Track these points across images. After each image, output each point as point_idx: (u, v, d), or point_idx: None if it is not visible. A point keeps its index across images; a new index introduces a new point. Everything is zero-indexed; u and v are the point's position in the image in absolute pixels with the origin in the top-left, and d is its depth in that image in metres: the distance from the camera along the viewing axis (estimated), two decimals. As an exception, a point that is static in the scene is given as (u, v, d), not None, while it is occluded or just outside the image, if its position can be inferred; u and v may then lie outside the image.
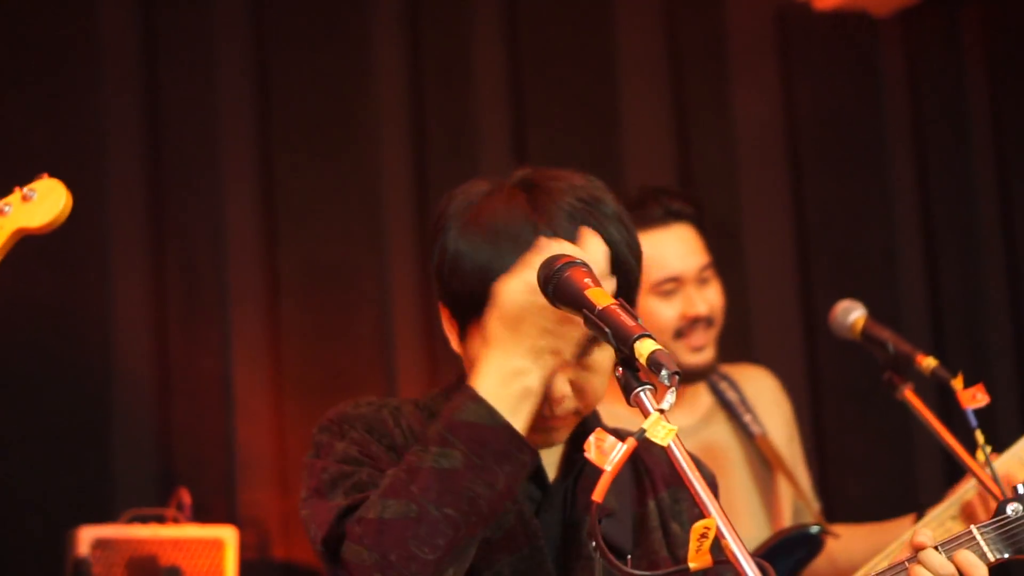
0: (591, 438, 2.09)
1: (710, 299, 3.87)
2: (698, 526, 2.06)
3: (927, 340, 5.40)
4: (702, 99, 5.56)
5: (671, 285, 3.83)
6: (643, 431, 2.08)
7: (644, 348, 2.14)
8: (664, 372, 2.11)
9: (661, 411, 2.10)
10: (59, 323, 4.77)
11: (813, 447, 4.99)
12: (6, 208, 2.49)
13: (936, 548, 2.46)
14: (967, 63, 5.80)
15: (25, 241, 3.47)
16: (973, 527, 2.53)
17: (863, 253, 5.61)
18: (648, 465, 2.60)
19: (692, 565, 2.07)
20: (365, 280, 5.00)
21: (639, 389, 2.15)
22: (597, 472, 2.36)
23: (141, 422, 4.77)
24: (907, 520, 3.70)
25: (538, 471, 2.48)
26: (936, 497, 4.19)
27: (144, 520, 4.40)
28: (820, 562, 3.86)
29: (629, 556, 2.47)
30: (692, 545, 2.06)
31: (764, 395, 4.03)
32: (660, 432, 2.08)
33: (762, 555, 3.62)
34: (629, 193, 3.83)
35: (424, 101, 5.17)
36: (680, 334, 3.83)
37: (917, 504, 4.08)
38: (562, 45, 5.40)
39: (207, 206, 4.94)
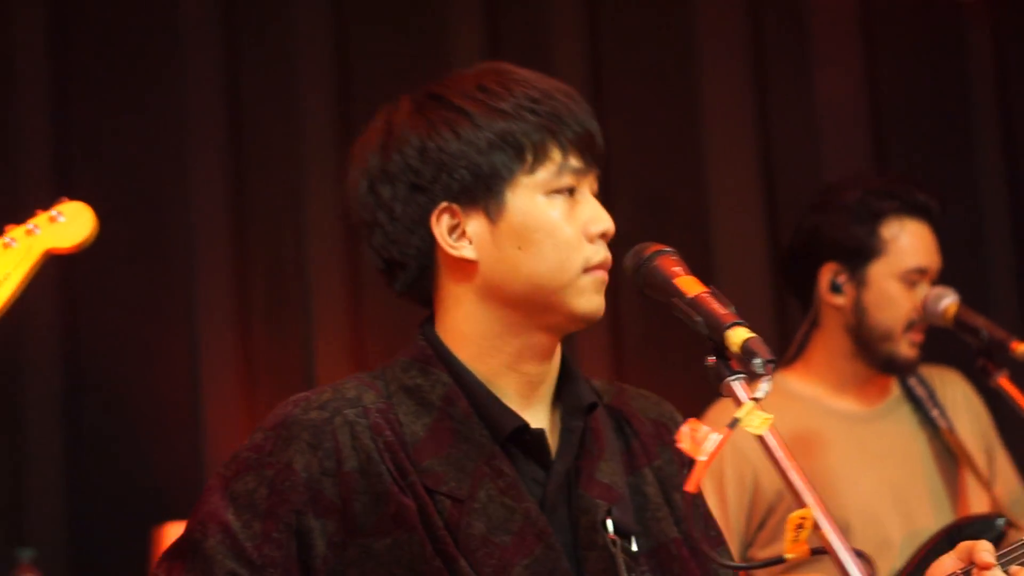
0: (684, 428, 2.07)
1: None
2: (794, 516, 2.05)
3: (1017, 324, 5.32)
4: (784, 83, 5.50)
5: (917, 276, 3.88)
6: (737, 420, 2.05)
7: (737, 336, 2.12)
8: (758, 360, 2.09)
9: (756, 400, 2.07)
10: (145, 318, 4.81)
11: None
12: (36, 230, 2.55)
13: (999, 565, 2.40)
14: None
15: (112, 237, 3.51)
16: None
17: (950, 238, 5.52)
18: (636, 428, 2.49)
19: (788, 556, 2.05)
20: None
21: (731, 378, 2.12)
22: (596, 445, 2.38)
23: (228, 418, 4.79)
24: None
25: (541, 448, 2.38)
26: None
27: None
28: None
29: (634, 536, 2.39)
30: (788, 535, 2.04)
31: (955, 396, 4.04)
32: (755, 421, 2.05)
33: (937, 540, 3.62)
34: (894, 176, 3.91)
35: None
36: (911, 326, 3.87)
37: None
38: (642, 28, 5.36)
39: (289, 199, 4.95)
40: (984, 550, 2.31)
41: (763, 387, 2.07)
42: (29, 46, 4.84)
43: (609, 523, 2.33)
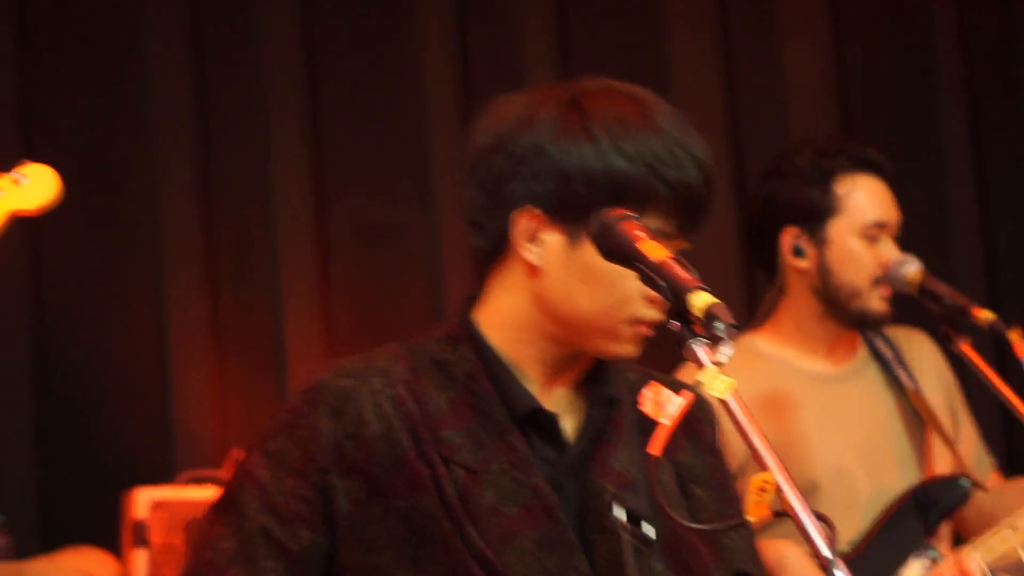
0: (646, 391, 2.09)
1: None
2: (756, 479, 2.06)
3: (982, 296, 5.36)
4: (752, 57, 5.52)
5: (876, 231, 3.89)
6: (699, 384, 2.07)
7: (700, 300, 2.13)
8: (720, 325, 2.10)
9: (718, 364, 2.09)
10: (112, 286, 4.81)
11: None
12: (0, 192, 2.58)
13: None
14: (1020, 19, 5.74)
15: (75, 206, 3.50)
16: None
17: (916, 210, 5.54)
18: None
19: (750, 518, 2.07)
20: (415, 240, 5.00)
21: (693, 342, 2.13)
22: (615, 435, 2.44)
23: (197, 384, 4.80)
24: None
25: (555, 432, 2.46)
26: (992, 448, 4.18)
27: (201, 481, 4.42)
28: (971, 514, 3.90)
29: (645, 522, 2.43)
30: (750, 498, 2.06)
31: (922, 356, 4.06)
32: (718, 385, 2.07)
33: (904, 501, 3.66)
34: (842, 136, 3.93)
35: (470, 61, 5.15)
36: (878, 280, 3.88)
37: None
38: (610, 3, 5.37)
39: (256, 168, 4.95)
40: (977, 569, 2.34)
41: (725, 351, 2.08)
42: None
43: (617, 508, 2.39)
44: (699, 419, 2.56)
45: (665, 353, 2.31)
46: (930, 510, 3.72)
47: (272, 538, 2.39)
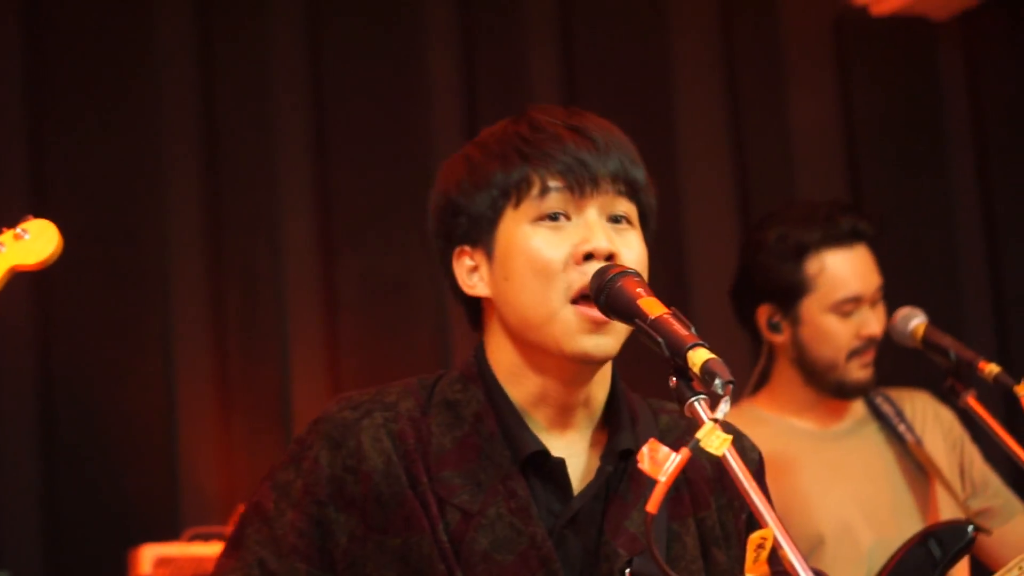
0: (644, 448, 2.07)
1: (882, 320, 3.92)
2: (755, 536, 2.05)
3: (990, 343, 5.34)
4: (759, 105, 5.53)
5: (851, 306, 3.88)
6: (697, 441, 2.06)
7: (697, 357, 2.12)
8: (718, 381, 2.09)
9: (716, 421, 2.08)
10: (121, 339, 4.81)
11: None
12: (2, 247, 2.62)
13: None
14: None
15: (84, 261, 3.52)
16: None
17: (923, 257, 5.55)
18: (689, 476, 2.48)
19: (749, 575, 2.05)
20: (422, 292, 5.00)
21: (693, 399, 2.12)
22: (633, 492, 2.37)
23: (203, 439, 4.79)
24: None
25: (562, 480, 2.40)
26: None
27: (206, 538, 4.41)
28: (984, 557, 3.91)
29: None
30: (749, 556, 2.05)
31: (924, 413, 4.06)
32: (715, 442, 2.06)
33: (909, 547, 3.64)
34: (816, 205, 3.91)
35: (478, 111, 5.16)
36: (854, 353, 3.88)
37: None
38: (617, 52, 5.38)
39: (264, 220, 4.96)
40: None
41: (723, 407, 2.08)
42: (2, 62, 4.84)
43: (628, 573, 2.35)
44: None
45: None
46: (935, 556, 3.71)
47: (268, 570, 2.38)
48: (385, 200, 5.04)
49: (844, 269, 3.88)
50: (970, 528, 3.69)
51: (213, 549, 4.32)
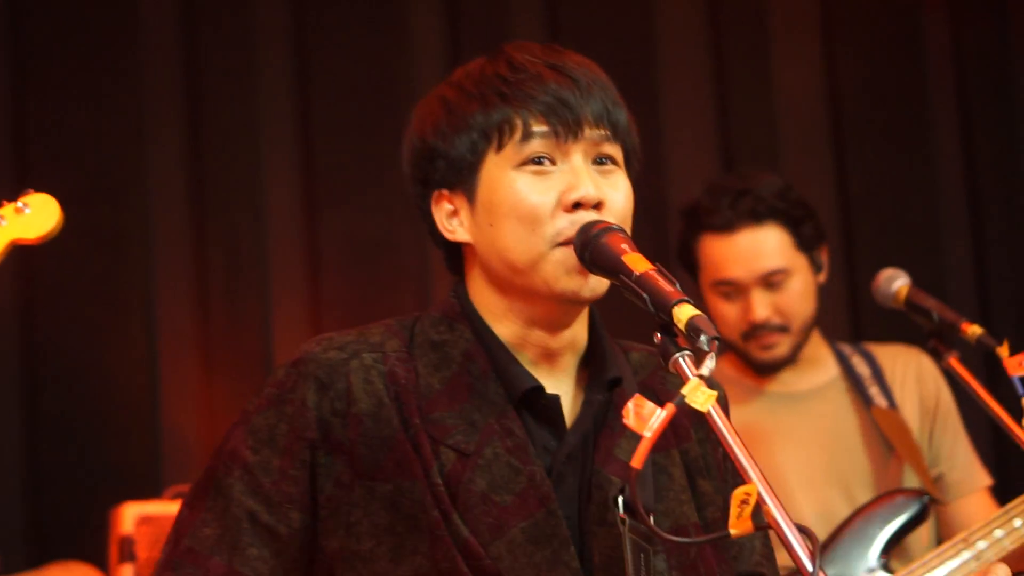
0: (629, 404, 2.07)
1: (778, 302, 3.88)
2: (739, 492, 2.05)
3: (973, 311, 5.35)
4: (743, 74, 5.53)
5: (728, 288, 3.88)
6: (682, 397, 2.06)
7: (683, 313, 2.12)
8: (703, 337, 2.09)
9: (701, 377, 2.07)
10: (104, 301, 4.81)
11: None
12: (2, 221, 2.62)
13: None
14: (1012, 32, 5.74)
15: (66, 222, 3.52)
16: None
17: (908, 225, 5.56)
18: None
19: (732, 532, 2.06)
20: (405, 253, 5.00)
21: (678, 355, 2.12)
22: (620, 421, 2.26)
23: (186, 399, 4.79)
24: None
25: (555, 416, 2.38)
26: (983, 462, 4.17)
27: (187, 497, 4.41)
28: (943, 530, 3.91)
29: (652, 515, 2.37)
30: (733, 511, 2.05)
31: (905, 374, 4.03)
32: (700, 398, 2.06)
33: (860, 517, 3.63)
34: (701, 194, 3.91)
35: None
36: (747, 336, 3.87)
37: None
38: (601, 20, 5.37)
39: (247, 182, 4.95)
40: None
41: (708, 363, 2.08)
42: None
43: (620, 501, 2.32)
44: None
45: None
46: (886, 527, 3.70)
47: (259, 522, 2.31)
48: (368, 161, 5.03)
49: (717, 253, 3.90)
50: (924, 498, 3.69)
51: (195, 508, 4.32)
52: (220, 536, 2.32)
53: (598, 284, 2.34)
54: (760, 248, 3.89)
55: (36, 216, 2.66)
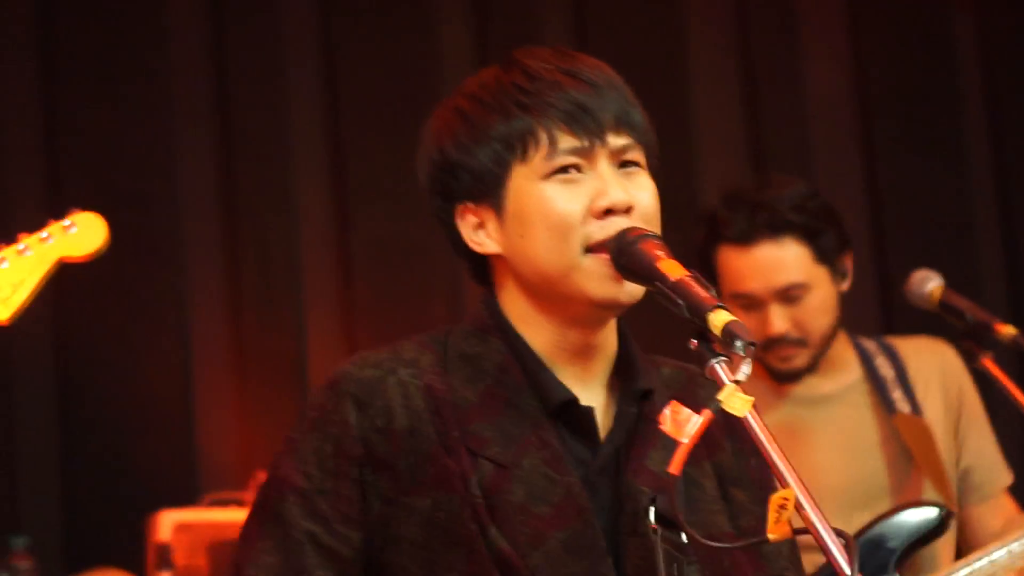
0: (666, 410, 2.07)
1: (796, 316, 3.84)
2: (776, 497, 2.04)
3: (1004, 310, 5.34)
4: (773, 74, 5.52)
5: (745, 301, 3.83)
6: (719, 403, 2.06)
7: (718, 319, 2.11)
8: (739, 343, 2.08)
9: (737, 382, 2.08)
10: (137, 310, 4.83)
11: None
12: (50, 239, 2.64)
13: None
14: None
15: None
16: None
17: (939, 227, 5.55)
18: None
19: (771, 536, 2.06)
20: (437, 258, 5.00)
21: (713, 360, 2.12)
22: (651, 432, 2.32)
23: (220, 406, 4.81)
24: None
25: (589, 428, 2.37)
26: (1015, 463, 4.15)
27: (224, 504, 4.42)
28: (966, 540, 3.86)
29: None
30: (771, 516, 2.04)
31: (929, 369, 3.97)
32: (736, 403, 2.06)
33: (877, 527, 3.60)
34: (719, 203, 3.87)
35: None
36: (765, 347, 3.82)
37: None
38: (629, 23, 5.38)
39: (279, 188, 4.97)
40: None
41: (744, 369, 2.08)
42: (17, 38, 4.85)
43: (652, 512, 2.30)
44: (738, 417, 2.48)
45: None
46: (903, 538, 3.65)
47: (321, 544, 2.30)
48: (399, 167, 5.01)
49: (731, 265, 3.82)
50: (943, 511, 3.63)
51: (231, 515, 4.34)
52: (284, 562, 2.31)
53: (634, 289, 2.33)
54: (777, 263, 3.84)
55: (83, 234, 2.68)
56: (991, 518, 3.92)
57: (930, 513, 3.61)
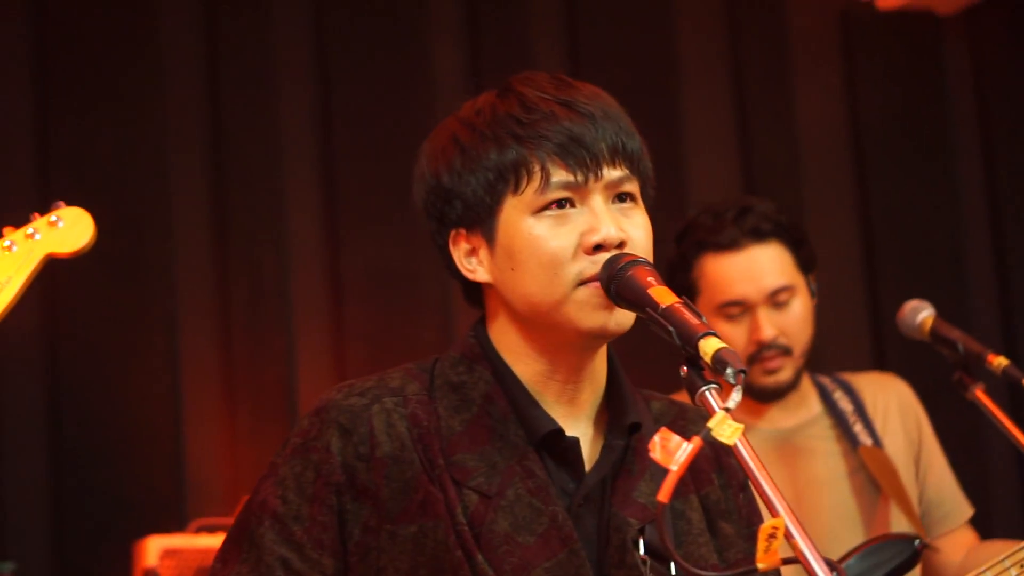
0: (656, 437, 2.06)
1: (783, 323, 3.83)
2: (766, 526, 2.03)
3: (996, 339, 5.34)
4: (765, 100, 5.53)
5: (734, 309, 3.81)
6: (709, 430, 2.06)
7: (708, 347, 2.11)
8: (729, 370, 2.08)
9: (727, 410, 2.07)
10: (127, 333, 4.81)
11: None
12: (36, 234, 2.59)
13: None
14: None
15: (92, 251, 3.52)
16: None
17: (930, 253, 5.56)
18: None
19: (760, 566, 2.05)
20: (428, 283, 5.00)
21: (704, 388, 2.11)
22: (639, 465, 2.34)
23: (209, 431, 4.79)
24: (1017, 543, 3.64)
25: (575, 458, 2.37)
26: (1008, 495, 4.14)
27: (212, 530, 4.41)
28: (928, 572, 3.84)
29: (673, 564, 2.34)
30: (760, 545, 2.03)
31: (887, 404, 3.97)
32: (726, 431, 2.05)
33: (851, 560, 3.58)
34: (698, 215, 3.84)
35: (485, 106, 5.16)
36: (752, 359, 3.80)
37: (989, 504, 4.03)
38: (622, 47, 5.39)
39: (270, 213, 4.97)
40: None
41: (735, 396, 2.07)
42: (7, 50, 4.84)
43: (641, 543, 2.32)
44: (728, 451, 2.47)
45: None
46: (876, 571, 3.63)
47: (293, 570, 2.30)
48: (390, 192, 5.04)
49: (720, 273, 3.80)
50: (916, 543, 3.62)
51: (219, 541, 4.30)
52: None
53: (624, 317, 2.33)
54: (767, 265, 3.83)
55: (70, 230, 2.63)
56: (952, 551, 3.90)
57: (905, 544, 3.60)
